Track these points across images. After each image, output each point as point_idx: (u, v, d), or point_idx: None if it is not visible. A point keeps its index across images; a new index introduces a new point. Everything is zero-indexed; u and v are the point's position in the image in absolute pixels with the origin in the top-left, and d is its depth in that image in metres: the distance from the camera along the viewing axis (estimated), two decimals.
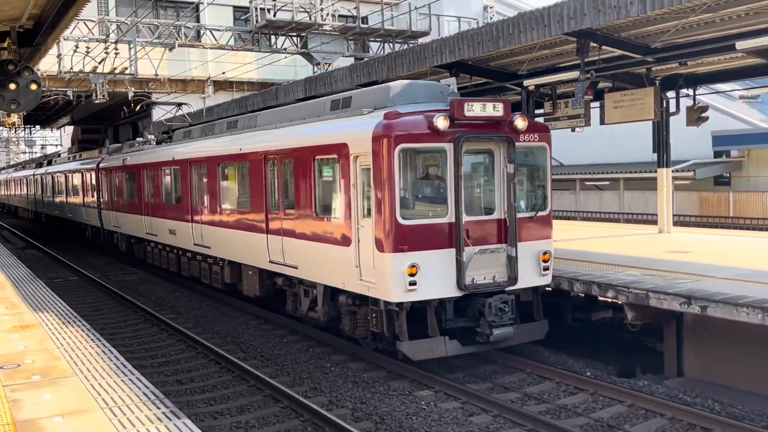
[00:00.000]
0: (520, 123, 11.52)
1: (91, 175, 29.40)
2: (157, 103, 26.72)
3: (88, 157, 32.57)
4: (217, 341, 14.49)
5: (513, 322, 11.40)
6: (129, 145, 26.84)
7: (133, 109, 33.09)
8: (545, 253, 11.92)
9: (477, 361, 12.34)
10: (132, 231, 24.40)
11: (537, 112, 18.11)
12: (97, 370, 8.66)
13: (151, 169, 22.03)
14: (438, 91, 12.03)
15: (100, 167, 28.07)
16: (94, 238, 30.89)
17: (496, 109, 11.23)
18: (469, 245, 11.09)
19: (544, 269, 11.91)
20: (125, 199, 24.77)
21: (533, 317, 12.08)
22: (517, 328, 11.52)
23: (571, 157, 34.93)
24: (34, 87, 13.93)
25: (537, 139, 11.93)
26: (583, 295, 12.67)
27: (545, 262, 11.92)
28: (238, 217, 15.83)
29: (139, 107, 29.52)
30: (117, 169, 25.80)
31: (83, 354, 9.46)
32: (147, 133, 24.30)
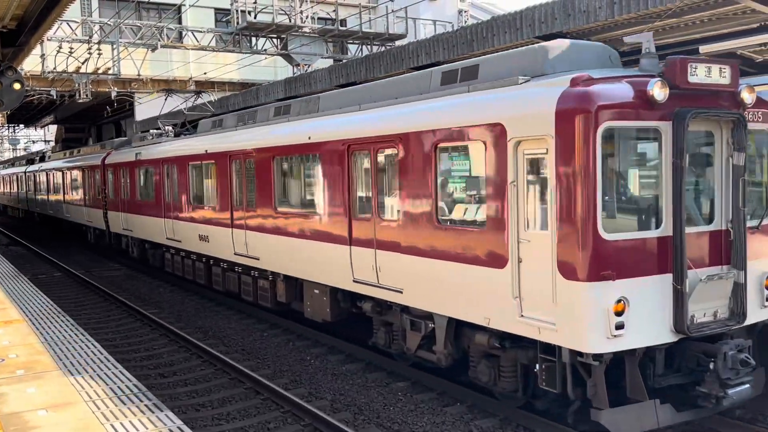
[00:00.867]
0: (747, 96, 8.50)
1: (95, 171, 26.63)
2: (175, 91, 25.19)
3: (91, 152, 29.76)
4: (200, 335, 14.76)
5: (751, 378, 8.40)
6: (140, 138, 23.89)
7: (116, 108, 33.17)
8: None
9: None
10: (148, 235, 21.40)
11: None
12: (80, 364, 8.92)
13: (174, 164, 18.83)
14: (606, 56, 9.30)
15: (106, 163, 25.35)
16: (98, 241, 28.12)
17: (723, 75, 8.26)
18: (692, 268, 8.09)
19: (767, 298, 8.90)
20: (139, 199, 21.83)
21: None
22: (750, 381, 8.42)
23: None
24: (17, 86, 14.15)
25: (761, 118, 8.82)
26: None
27: None
28: (302, 222, 12.90)
29: (154, 95, 28.35)
30: (128, 165, 22.74)
31: (67, 348, 9.70)
32: (161, 124, 22.40)
